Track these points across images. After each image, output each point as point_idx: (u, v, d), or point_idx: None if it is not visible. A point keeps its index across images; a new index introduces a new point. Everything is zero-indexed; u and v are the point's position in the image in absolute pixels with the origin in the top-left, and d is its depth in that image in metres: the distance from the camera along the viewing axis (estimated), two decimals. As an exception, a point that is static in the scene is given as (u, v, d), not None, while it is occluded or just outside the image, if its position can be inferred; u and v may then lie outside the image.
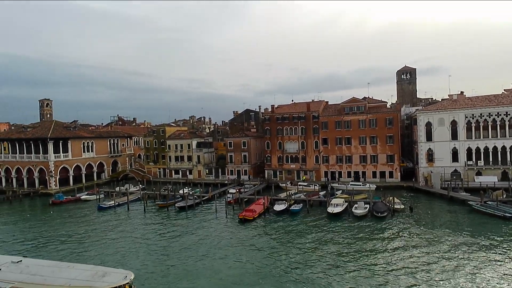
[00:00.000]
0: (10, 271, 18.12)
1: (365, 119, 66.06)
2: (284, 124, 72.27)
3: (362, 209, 44.19)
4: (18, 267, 18.99)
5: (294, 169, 71.50)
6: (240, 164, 75.34)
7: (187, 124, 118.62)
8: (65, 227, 43.56)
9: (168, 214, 48.57)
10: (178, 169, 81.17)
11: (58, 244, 36.21)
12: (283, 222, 42.25)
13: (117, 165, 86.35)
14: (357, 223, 40.43)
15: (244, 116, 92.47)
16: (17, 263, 19.49)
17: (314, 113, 69.90)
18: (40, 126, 78.84)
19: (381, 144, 65.06)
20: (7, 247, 35.57)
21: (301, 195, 54.17)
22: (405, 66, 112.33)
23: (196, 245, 34.46)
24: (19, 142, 72.96)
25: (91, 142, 79.44)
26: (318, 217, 44.11)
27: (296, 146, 71.40)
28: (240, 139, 75.97)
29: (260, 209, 45.96)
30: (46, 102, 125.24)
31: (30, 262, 19.76)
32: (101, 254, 32.52)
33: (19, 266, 19.11)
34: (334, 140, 68.17)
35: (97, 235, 39.00)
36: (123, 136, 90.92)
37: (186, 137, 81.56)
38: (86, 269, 18.96)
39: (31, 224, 45.75)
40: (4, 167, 74.02)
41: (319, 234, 36.74)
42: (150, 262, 30.15)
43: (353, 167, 67.08)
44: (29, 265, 19.38)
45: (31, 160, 71.33)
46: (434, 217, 42.46)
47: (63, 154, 71.98)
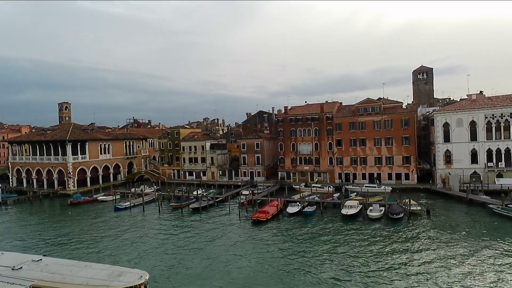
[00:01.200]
0: (31, 269, 18.69)
1: (380, 120, 65.05)
2: (297, 126, 71.96)
3: (377, 211, 43.47)
4: (38, 265, 19.57)
5: (308, 171, 71.04)
6: (254, 166, 75.44)
7: (201, 126, 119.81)
8: (83, 227, 44.64)
9: (182, 215, 49.08)
10: (192, 171, 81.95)
11: (76, 244, 37.13)
12: (296, 224, 42.01)
13: (132, 167, 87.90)
14: (372, 226, 39.79)
15: (257, 118, 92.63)
16: (38, 261, 20.09)
17: (328, 114, 69.33)
18: (59, 129, 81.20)
19: (397, 146, 63.90)
20: (28, 246, 36.70)
21: (315, 197, 53.76)
22: (422, 66, 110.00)
23: (209, 246, 34.67)
24: (39, 144, 75.28)
25: (108, 144, 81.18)
26: (332, 219, 43.66)
27: (309, 147, 70.97)
28: (254, 140, 76.09)
29: (274, 211, 45.86)
30: (65, 105, 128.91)
31: (49, 261, 20.34)
32: (117, 254, 33.14)
33: (39, 265, 19.69)
34: (349, 141, 67.38)
35: (113, 235, 39.78)
36: (139, 138, 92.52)
37: (200, 139, 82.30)
38: (103, 269, 19.37)
39: (51, 223, 47.10)
40: (25, 168, 76.49)
41: (333, 237, 36.35)
42: (164, 262, 30.51)
43: (368, 169, 66.10)
44: (48, 263, 19.94)
45: (51, 161, 73.48)
46: (452, 220, 41.34)
47: (81, 156, 73.85)
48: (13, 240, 39.19)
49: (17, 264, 19.62)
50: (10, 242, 38.01)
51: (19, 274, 17.82)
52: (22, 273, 18.08)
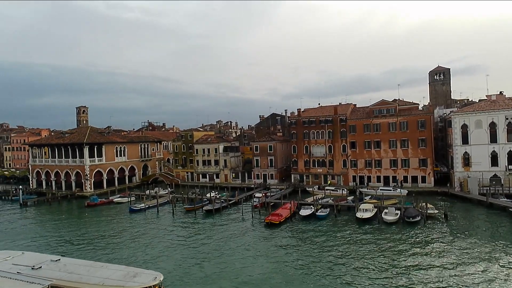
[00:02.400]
0: (50, 269, 19.15)
1: (396, 121, 63.96)
2: (310, 128, 71.54)
3: (393, 215, 42.64)
4: (57, 265, 20.03)
5: (321, 174, 70.44)
6: (266, 168, 75.36)
7: (214, 128, 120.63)
8: (99, 228, 45.54)
9: (195, 217, 49.43)
10: (205, 173, 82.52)
11: (92, 244, 37.89)
12: (310, 227, 41.65)
13: (147, 169, 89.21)
14: (387, 229, 39.05)
15: (270, 120, 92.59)
16: (56, 261, 20.57)
17: (342, 117, 68.65)
18: (76, 132, 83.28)
19: (413, 148, 62.64)
20: (47, 246, 37.69)
21: (329, 199, 53.22)
22: (438, 66, 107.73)
23: (222, 248, 34.75)
24: (58, 147, 77.36)
25: (124, 147, 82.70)
26: (346, 222, 43.10)
27: (323, 150, 70.40)
28: (266, 143, 76.05)
29: (287, 214, 45.62)
30: (83, 109, 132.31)
31: (67, 261, 20.80)
32: (132, 255, 33.62)
33: (58, 265, 20.15)
34: (363, 143, 66.50)
35: (128, 237, 40.40)
36: (153, 141, 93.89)
37: (213, 142, 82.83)
38: (119, 269, 19.67)
39: (68, 224, 48.26)
40: (44, 170, 78.72)
41: (347, 240, 35.86)
42: (178, 264, 30.77)
43: (383, 172, 65.01)
44: (66, 263, 20.39)
45: (69, 164, 75.37)
46: (471, 224, 40.15)
47: (98, 158, 75.45)
48: (32, 240, 40.32)
49: (36, 263, 20.15)
50: (30, 242, 39.12)
51: (38, 273, 18.29)
52: (41, 272, 18.56)
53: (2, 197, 72.03)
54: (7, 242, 39.26)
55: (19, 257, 21.11)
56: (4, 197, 71.79)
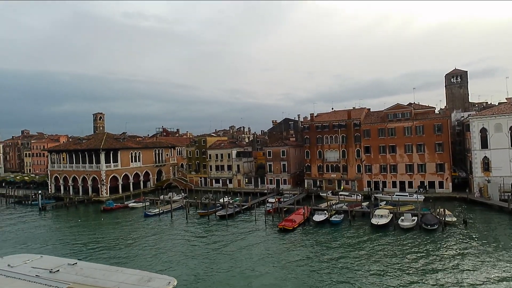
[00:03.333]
0: (67, 273, 19.48)
1: (411, 126, 62.77)
2: (324, 133, 70.99)
3: (409, 221, 41.64)
4: (73, 269, 20.36)
5: (335, 179, 69.63)
6: (280, 173, 75.07)
7: (227, 134, 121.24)
8: (115, 232, 46.23)
9: (208, 222, 49.57)
10: (219, 178, 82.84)
11: (108, 248, 38.47)
12: (324, 233, 41.12)
13: (161, 174, 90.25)
14: (404, 236, 38.13)
15: (283, 125, 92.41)
16: (73, 265, 20.91)
17: (356, 121, 67.89)
18: (93, 138, 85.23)
19: (430, 152, 61.24)
20: (64, 249, 38.49)
21: (343, 205, 52.49)
22: (455, 69, 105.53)
23: (235, 253, 34.68)
24: (75, 153, 79.30)
25: (138, 152, 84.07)
26: (360, 228, 42.34)
27: (336, 155, 69.67)
28: (279, 148, 75.87)
29: (300, 219, 45.21)
30: (99, 116, 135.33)
31: (84, 265, 21.13)
32: (146, 259, 33.93)
33: (74, 268, 20.49)
34: (377, 148, 65.48)
35: (143, 241, 40.84)
36: (167, 147, 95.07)
37: (226, 147, 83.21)
38: (133, 274, 19.82)
39: (85, 229, 49.20)
40: (62, 175, 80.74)
41: (362, 247, 35.19)
42: (192, 269, 30.85)
43: (399, 177, 63.72)
44: (83, 267, 20.71)
45: (86, 169, 77.09)
46: (492, 231, 38.75)
47: (113, 163, 76.89)
48: (51, 244, 41.29)
49: (54, 267, 20.54)
50: (48, 246, 40.07)
51: (56, 276, 18.65)
52: (59, 276, 18.90)
53: (22, 202, 74.23)
54: (26, 245, 40.34)
55: (38, 260, 21.61)
56: (24, 201, 73.97)
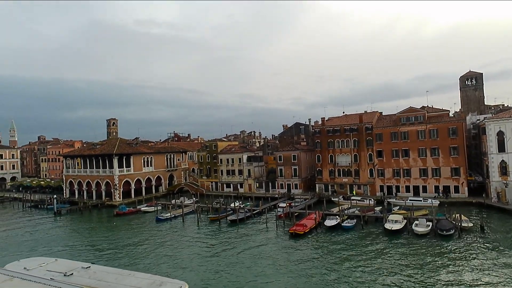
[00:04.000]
0: (81, 276, 19.71)
1: (425, 129, 61.70)
2: (335, 137, 70.44)
3: (424, 226, 40.75)
4: (87, 272, 20.60)
5: (347, 183, 68.86)
6: (290, 178, 74.71)
7: (238, 138, 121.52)
8: (127, 236, 46.71)
9: (219, 227, 49.61)
10: (230, 183, 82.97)
11: (120, 252, 38.88)
12: (336, 238, 40.60)
13: (173, 179, 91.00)
14: (418, 242, 37.30)
15: (294, 130, 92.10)
16: (86, 268, 21.16)
17: (367, 125, 67.17)
18: (107, 143, 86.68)
19: (444, 156, 59.99)
20: (78, 253, 39.08)
21: (355, 210, 51.79)
22: (470, 71, 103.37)
23: (246, 258, 34.55)
24: (89, 158, 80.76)
25: (151, 157, 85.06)
26: (373, 234, 41.64)
27: (348, 159, 68.95)
28: (290, 152, 75.58)
29: (312, 224, 44.79)
30: (113, 121, 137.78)
31: (97, 268, 21.34)
32: (158, 264, 34.14)
33: (88, 272, 20.72)
34: (390, 152, 64.53)
35: (154, 245, 41.12)
36: (179, 152, 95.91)
37: (237, 152, 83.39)
38: (145, 278, 19.91)
39: (98, 233, 49.92)
40: (77, 180, 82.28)
41: (376, 253, 34.57)
42: (203, 273, 30.85)
43: (412, 181, 62.57)
44: (96, 271, 20.92)
45: (99, 174, 78.34)
46: (511, 237, 37.52)
47: (126, 168, 77.94)
48: (65, 247, 42.00)
49: (68, 270, 20.81)
50: (63, 249, 40.75)
51: (70, 280, 18.90)
52: (73, 279, 19.14)
53: (38, 206, 75.91)
54: (42, 249, 41.12)
55: (53, 263, 21.96)
56: (40, 205, 75.64)
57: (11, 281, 17.50)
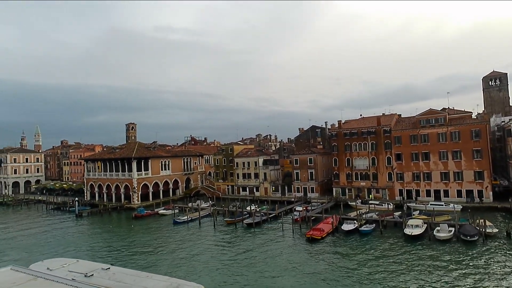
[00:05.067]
0: (101, 277, 20.13)
1: (446, 132, 59.93)
2: (352, 140, 69.43)
3: (446, 232, 39.41)
4: (107, 273, 21.02)
5: (365, 187, 67.62)
6: (307, 182, 74.06)
7: (253, 142, 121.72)
8: (145, 238, 47.47)
9: (236, 230, 49.66)
10: (246, 186, 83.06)
11: (138, 254, 39.52)
12: (353, 243, 39.86)
13: (190, 182, 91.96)
14: (440, 248, 36.11)
15: (310, 133, 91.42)
16: (106, 270, 21.59)
17: (386, 128, 65.89)
18: (126, 147, 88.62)
19: (467, 159, 58.01)
20: (98, 254, 40.03)
21: (373, 214, 50.73)
22: (493, 71, 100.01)
23: (263, 262, 34.40)
24: (109, 162, 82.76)
25: (168, 161, 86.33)
26: (392, 239, 40.62)
27: (366, 162, 67.75)
28: (306, 156, 75.01)
29: (329, 229, 44.19)
30: (131, 126, 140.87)
31: (116, 270, 21.74)
32: (174, 266, 34.48)
33: (108, 273, 21.14)
34: (410, 155, 62.98)
35: (171, 248, 41.59)
36: (195, 155, 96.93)
37: (253, 155, 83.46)
38: (162, 280, 20.12)
39: (117, 235, 51.00)
40: (97, 183, 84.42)
41: (395, 258, 33.69)
42: (219, 277, 30.93)
43: (433, 185, 60.77)
44: (115, 272, 21.31)
45: (119, 177, 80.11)
46: (540, 245, 35.77)
47: (144, 172, 79.39)
48: (86, 248, 43.13)
49: (89, 271, 21.28)
50: (84, 250, 41.85)
51: (90, 280, 19.32)
52: (93, 280, 19.55)
53: (60, 208, 78.34)
54: (64, 250, 42.35)
55: (74, 264, 22.56)
56: (63, 208, 78.03)
57: (35, 280, 18.11)
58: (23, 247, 45.13)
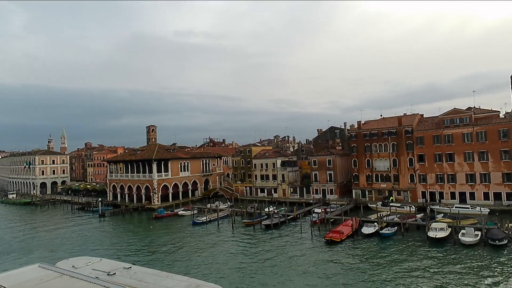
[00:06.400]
0: (122, 276, 20.63)
1: (471, 132, 57.69)
2: (372, 141, 68.04)
3: (472, 236, 37.88)
4: (128, 272, 21.51)
5: (385, 189, 66.07)
6: (326, 183, 73.17)
7: (271, 143, 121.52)
8: (165, 239, 48.29)
9: (254, 231, 49.68)
10: (264, 188, 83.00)
11: (158, 254, 40.24)
12: (375, 246, 38.99)
13: (208, 184, 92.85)
14: (466, 252, 34.75)
15: (329, 134, 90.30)
16: (128, 269, 22.11)
17: (407, 128, 64.18)
18: (146, 149, 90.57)
19: (494, 161, 55.60)
20: (119, 253, 41.01)
21: (395, 217, 49.46)
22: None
23: (281, 264, 34.21)
24: (131, 163, 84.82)
25: (187, 162, 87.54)
26: (415, 242, 39.45)
27: (387, 163, 66.21)
28: (325, 157, 74.13)
29: (348, 231, 43.43)
30: (152, 128, 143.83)
31: (137, 269, 22.22)
32: (193, 266, 34.84)
33: (129, 272, 21.63)
34: (433, 156, 61.02)
35: (190, 248, 42.08)
36: (214, 157, 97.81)
37: (271, 156, 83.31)
38: (182, 280, 20.37)
39: (138, 234, 52.14)
40: (119, 184, 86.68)
41: (418, 263, 32.70)
42: (237, 278, 31.00)
43: (458, 187, 58.61)
44: (136, 271, 21.78)
45: (140, 178, 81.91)
46: None
47: (164, 173, 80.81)
48: (108, 247, 44.35)
49: (111, 270, 21.82)
50: (106, 250, 43.04)
51: (112, 279, 19.81)
52: (115, 278, 20.05)
53: (85, 208, 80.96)
54: (88, 248, 43.75)
55: (98, 263, 23.21)
56: (87, 208, 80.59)
57: (61, 278, 18.77)
58: (49, 245, 46.97)
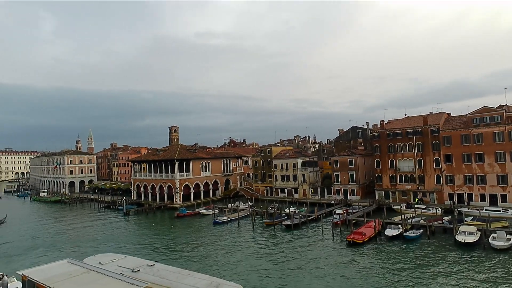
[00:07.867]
0: (146, 273, 21.23)
1: (503, 131, 54.97)
2: (396, 141, 66.22)
3: (504, 240, 36.10)
4: (151, 269, 22.10)
5: (410, 190, 64.11)
6: (347, 184, 71.94)
7: (292, 143, 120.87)
8: (186, 237, 49.10)
9: (274, 232, 49.59)
10: (284, 188, 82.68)
11: (180, 252, 40.96)
12: (398, 249, 37.94)
13: (229, 183, 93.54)
14: (497, 258, 33.15)
15: (351, 134, 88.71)
16: (151, 266, 22.71)
17: (433, 127, 62.01)
18: (169, 150, 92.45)
19: (528, 161, 52.66)
20: (143, 250, 42.08)
21: (420, 219, 47.91)
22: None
23: (302, 264, 33.95)
24: (153, 163, 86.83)
25: (208, 162, 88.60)
26: (442, 246, 38.04)
27: (411, 164, 64.22)
28: (347, 157, 72.91)
29: (371, 233, 42.47)
30: (174, 129, 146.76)
31: (160, 267, 22.80)
32: (214, 265, 35.20)
33: (152, 269, 22.21)
34: (461, 157, 58.64)
35: (211, 247, 42.55)
36: (234, 157, 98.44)
37: (291, 157, 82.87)
38: (203, 279, 20.71)
39: (161, 233, 53.29)
40: (143, 183, 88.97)
41: (445, 268, 31.51)
42: (257, 278, 31.03)
43: (488, 189, 55.98)
44: (159, 269, 22.35)
45: (162, 178, 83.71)
46: None
47: (186, 173, 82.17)
48: (132, 245, 45.60)
49: (135, 267, 22.52)
50: (130, 247, 44.28)
51: (137, 276, 20.43)
52: (139, 275, 20.67)
53: (110, 207, 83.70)
54: (113, 245, 45.21)
55: (122, 260, 23.98)
56: (112, 206, 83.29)
57: (88, 273, 19.56)
58: (77, 241, 48.91)
